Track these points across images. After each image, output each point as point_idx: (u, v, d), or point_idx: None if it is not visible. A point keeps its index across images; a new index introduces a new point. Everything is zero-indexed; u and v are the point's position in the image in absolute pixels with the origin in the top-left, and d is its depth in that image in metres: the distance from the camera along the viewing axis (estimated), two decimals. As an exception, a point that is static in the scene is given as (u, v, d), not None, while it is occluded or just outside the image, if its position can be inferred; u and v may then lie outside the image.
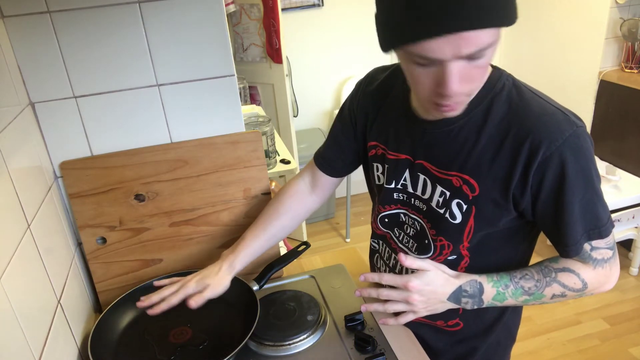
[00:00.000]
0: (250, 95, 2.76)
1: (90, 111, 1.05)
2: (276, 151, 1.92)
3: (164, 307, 0.93)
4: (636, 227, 2.39)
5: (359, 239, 3.08)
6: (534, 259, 0.92)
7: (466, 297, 0.85)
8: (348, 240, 3.10)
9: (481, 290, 0.85)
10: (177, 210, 1.14)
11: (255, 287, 1.07)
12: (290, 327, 1.00)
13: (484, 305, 0.86)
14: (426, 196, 0.90)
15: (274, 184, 1.82)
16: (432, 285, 0.84)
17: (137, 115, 1.08)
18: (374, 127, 0.97)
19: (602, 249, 0.83)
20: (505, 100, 0.79)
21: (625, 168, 2.55)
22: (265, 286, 1.20)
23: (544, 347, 2.17)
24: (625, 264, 2.61)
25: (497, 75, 0.81)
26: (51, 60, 0.99)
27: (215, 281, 0.96)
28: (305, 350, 0.96)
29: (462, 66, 0.67)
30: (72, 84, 1.02)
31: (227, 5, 2.46)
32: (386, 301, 0.87)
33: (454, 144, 0.83)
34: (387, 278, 0.85)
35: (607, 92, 2.61)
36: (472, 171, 0.82)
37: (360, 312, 1.01)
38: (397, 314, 0.90)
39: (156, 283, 1.01)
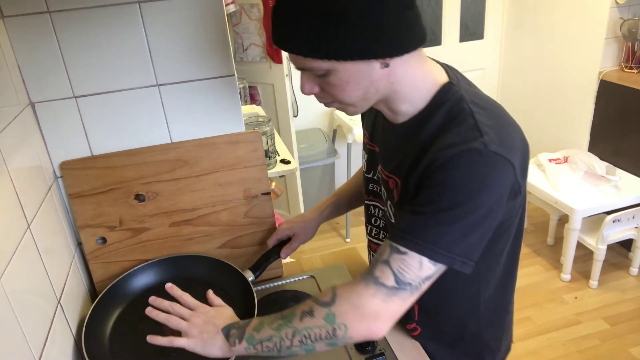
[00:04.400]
0: (250, 95, 2.76)
1: (90, 111, 1.05)
2: (276, 151, 1.92)
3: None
4: (636, 227, 2.39)
5: (359, 239, 3.07)
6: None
7: (234, 329, 0.86)
8: (348, 240, 3.10)
9: (248, 323, 0.85)
10: (177, 210, 1.14)
11: (251, 278, 1.07)
12: (290, 327, 1.00)
13: (256, 339, 0.82)
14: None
15: (274, 184, 1.82)
16: (218, 313, 0.91)
17: (137, 115, 1.08)
18: (366, 113, 1.00)
19: (393, 267, 0.73)
20: (444, 113, 0.78)
21: (625, 168, 2.55)
22: (266, 286, 1.20)
23: (544, 347, 2.17)
24: (625, 264, 2.61)
25: (445, 90, 0.80)
26: (51, 60, 0.99)
27: (302, 230, 1.14)
28: (305, 350, 0.96)
29: (310, 77, 0.77)
30: (72, 84, 1.02)
31: (227, 5, 2.46)
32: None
33: (396, 142, 0.85)
34: (186, 299, 0.94)
35: (607, 92, 2.61)
36: (398, 173, 0.84)
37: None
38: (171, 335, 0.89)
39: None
